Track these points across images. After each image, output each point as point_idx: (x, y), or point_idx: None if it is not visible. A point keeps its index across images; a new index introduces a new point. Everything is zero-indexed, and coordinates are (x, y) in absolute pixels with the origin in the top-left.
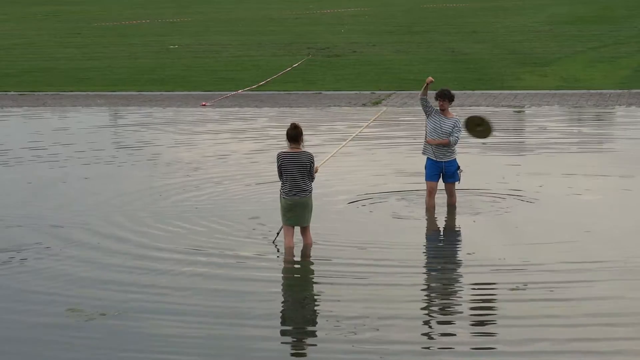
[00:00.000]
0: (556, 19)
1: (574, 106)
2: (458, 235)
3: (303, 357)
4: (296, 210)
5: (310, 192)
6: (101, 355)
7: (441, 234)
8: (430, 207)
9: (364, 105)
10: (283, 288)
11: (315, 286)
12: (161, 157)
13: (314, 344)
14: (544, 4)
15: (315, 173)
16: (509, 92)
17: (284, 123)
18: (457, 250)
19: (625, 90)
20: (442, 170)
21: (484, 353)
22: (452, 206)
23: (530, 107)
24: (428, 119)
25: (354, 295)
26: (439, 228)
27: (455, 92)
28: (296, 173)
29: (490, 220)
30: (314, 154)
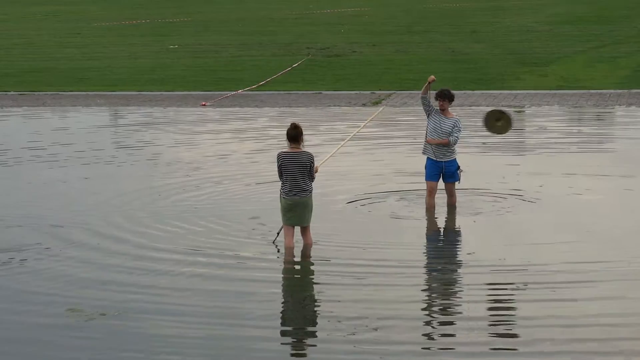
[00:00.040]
0: (556, 19)
1: (574, 106)
2: (458, 235)
3: (303, 358)
4: (296, 210)
5: (311, 192)
6: (101, 356)
7: (441, 234)
8: (430, 207)
9: (364, 105)
10: (283, 288)
11: (315, 286)
12: (161, 157)
13: (314, 345)
14: (543, 4)
15: (316, 173)
16: (508, 92)
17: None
18: (457, 251)
19: (625, 90)
20: (442, 170)
21: (485, 353)
22: (452, 206)
23: (530, 107)
24: (428, 119)
25: (354, 295)
26: (439, 228)
27: (455, 92)
28: (296, 173)
29: (491, 220)
30: (314, 154)
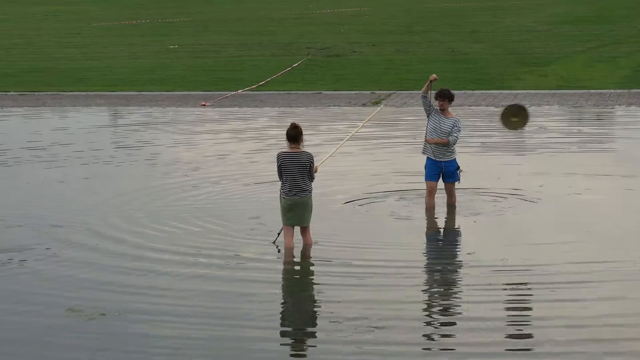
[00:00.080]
0: (556, 19)
1: (574, 106)
2: (458, 235)
3: (303, 358)
4: (296, 210)
5: (310, 192)
6: (101, 356)
7: (441, 234)
8: (430, 207)
9: (364, 105)
10: (283, 289)
11: (315, 287)
12: (161, 157)
13: (314, 345)
14: (543, 4)
15: (315, 173)
16: (508, 92)
17: (284, 123)
18: (457, 251)
19: (625, 90)
20: (442, 170)
21: (485, 354)
22: (452, 206)
23: (530, 107)
24: (428, 119)
25: (355, 296)
26: (439, 228)
27: (455, 92)
28: (296, 173)
29: (491, 220)
30: (313, 154)
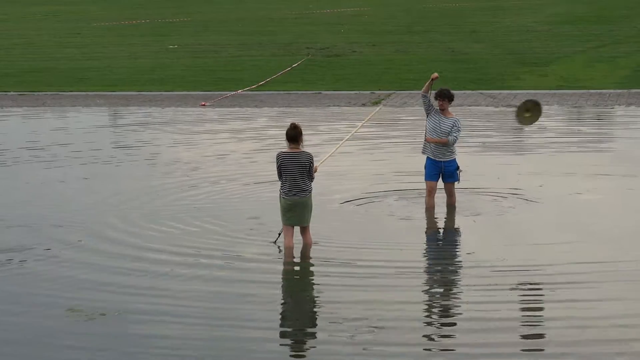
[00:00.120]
0: (556, 19)
1: (574, 106)
2: (458, 235)
3: (303, 359)
4: (296, 210)
5: (310, 192)
6: (101, 356)
7: (441, 234)
8: (430, 207)
9: (364, 105)
10: (283, 290)
11: (315, 287)
12: (160, 157)
13: (314, 346)
14: (543, 4)
15: (315, 173)
16: (508, 92)
17: (284, 123)
18: (457, 251)
19: (624, 90)
20: (442, 170)
21: (485, 355)
22: (452, 206)
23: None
24: (428, 118)
25: (355, 296)
26: (439, 228)
27: (455, 92)
28: (296, 173)
29: (491, 220)
30: (313, 154)
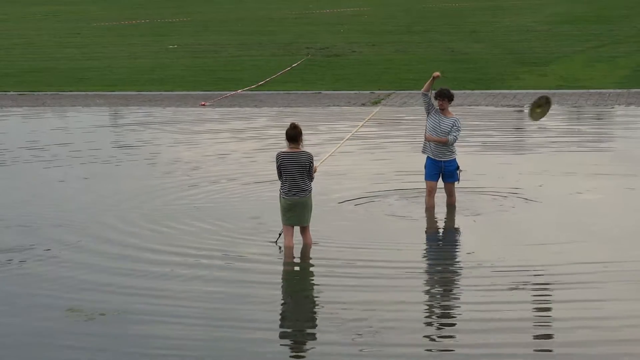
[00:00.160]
0: (555, 19)
1: (574, 105)
2: (458, 235)
3: None
4: (296, 210)
5: (310, 192)
6: (101, 356)
7: (441, 234)
8: (430, 207)
9: (364, 105)
10: (283, 290)
11: (315, 288)
12: (160, 157)
13: (314, 347)
14: (543, 4)
15: (314, 173)
16: (508, 92)
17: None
18: (457, 251)
19: (624, 90)
20: (442, 169)
21: (485, 355)
22: (452, 206)
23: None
24: (428, 117)
25: (355, 297)
26: (439, 228)
27: (455, 92)
28: (295, 173)
29: (491, 220)
30: (313, 153)
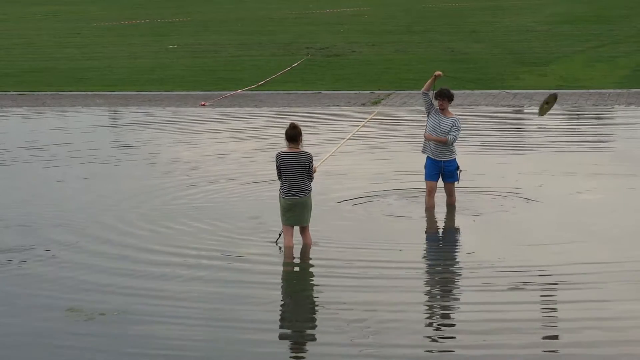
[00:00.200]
0: (555, 19)
1: (573, 105)
2: (458, 235)
3: None
4: (295, 210)
5: (310, 192)
6: (101, 357)
7: (441, 234)
8: (430, 207)
9: (364, 105)
10: (283, 290)
11: (315, 288)
12: (160, 157)
13: (314, 347)
14: (542, 4)
15: (314, 173)
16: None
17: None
18: (457, 251)
19: (624, 90)
20: (442, 169)
21: (485, 356)
22: (452, 206)
23: (530, 107)
24: (428, 117)
25: (355, 297)
26: (439, 228)
27: (455, 92)
28: (295, 173)
29: (491, 220)
30: (313, 154)
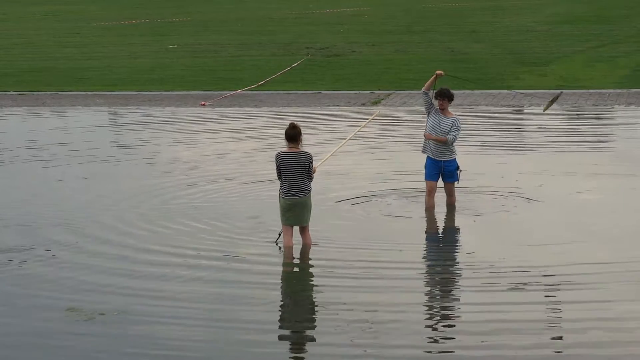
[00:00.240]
0: (555, 19)
1: (574, 105)
2: (458, 235)
3: None
4: (295, 210)
5: (309, 192)
6: (101, 357)
7: (441, 234)
8: (430, 207)
9: (363, 105)
10: (282, 291)
11: (315, 288)
12: (160, 157)
13: (314, 348)
14: (542, 4)
15: (314, 173)
16: (508, 92)
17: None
18: (457, 251)
19: (624, 90)
20: (442, 169)
21: (485, 357)
22: (452, 206)
23: (530, 107)
24: (428, 117)
25: (355, 297)
26: (439, 228)
27: (455, 92)
28: (295, 173)
29: (491, 220)
30: (313, 154)
